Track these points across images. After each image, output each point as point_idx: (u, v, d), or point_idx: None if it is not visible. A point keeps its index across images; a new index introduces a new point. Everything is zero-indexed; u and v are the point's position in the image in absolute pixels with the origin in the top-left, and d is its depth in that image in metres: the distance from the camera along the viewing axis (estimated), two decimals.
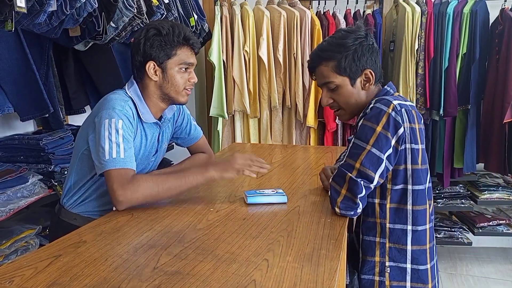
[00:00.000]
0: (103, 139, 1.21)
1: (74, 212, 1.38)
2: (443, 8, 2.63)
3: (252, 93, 2.80)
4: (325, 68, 1.23)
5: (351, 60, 1.20)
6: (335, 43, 1.22)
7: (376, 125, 1.14)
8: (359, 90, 1.25)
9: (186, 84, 1.35)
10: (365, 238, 1.23)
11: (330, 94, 1.27)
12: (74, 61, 2.04)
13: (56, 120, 1.89)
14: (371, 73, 1.23)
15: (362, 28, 1.24)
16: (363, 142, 1.15)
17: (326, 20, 2.72)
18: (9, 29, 1.34)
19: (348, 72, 1.22)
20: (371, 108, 1.18)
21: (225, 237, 1.02)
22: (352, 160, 1.15)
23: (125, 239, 1.01)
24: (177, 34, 1.29)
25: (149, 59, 1.30)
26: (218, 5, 2.77)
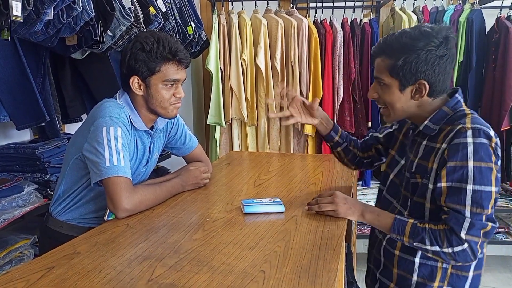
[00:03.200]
0: (102, 147, 1.21)
1: (60, 219, 1.37)
2: (439, 16, 2.65)
3: (250, 101, 2.80)
4: (381, 63, 1.14)
5: (409, 65, 1.09)
6: (402, 42, 1.10)
7: (491, 163, 1.05)
8: (407, 98, 1.14)
9: (172, 99, 1.32)
10: (424, 262, 1.18)
11: (378, 88, 1.18)
12: (71, 69, 2.03)
13: (52, 129, 1.88)
14: (425, 86, 1.11)
15: (442, 34, 1.09)
16: (486, 186, 1.04)
17: (323, 29, 2.73)
18: (5, 38, 1.34)
19: (400, 77, 1.11)
20: (466, 144, 1.05)
21: (221, 247, 1.01)
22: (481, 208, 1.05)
23: (119, 250, 1.00)
24: (161, 50, 1.26)
25: (133, 74, 1.28)
26: (215, 13, 2.78)
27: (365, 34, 2.70)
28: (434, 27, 1.10)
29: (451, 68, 1.13)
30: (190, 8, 2.53)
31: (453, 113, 1.14)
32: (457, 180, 1.06)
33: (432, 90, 1.12)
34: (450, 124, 1.12)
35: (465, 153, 1.05)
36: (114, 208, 1.20)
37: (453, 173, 1.06)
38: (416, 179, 1.17)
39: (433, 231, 1.08)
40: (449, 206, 1.07)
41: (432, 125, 1.15)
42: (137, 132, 1.35)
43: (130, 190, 1.22)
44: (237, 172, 1.78)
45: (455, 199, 1.06)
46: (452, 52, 1.11)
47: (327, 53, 2.71)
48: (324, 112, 1.48)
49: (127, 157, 1.25)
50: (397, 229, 1.13)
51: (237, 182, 1.62)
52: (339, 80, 2.72)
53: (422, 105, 1.15)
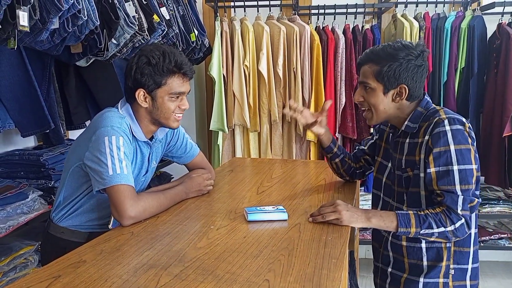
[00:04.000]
0: (105, 156, 1.22)
1: (61, 225, 1.38)
2: (441, 23, 2.66)
3: (252, 107, 2.81)
4: (368, 69, 1.31)
5: (392, 71, 1.26)
6: (387, 52, 1.27)
7: (468, 144, 1.22)
8: (389, 100, 1.31)
9: (176, 110, 1.34)
10: (430, 246, 1.30)
11: (363, 93, 1.34)
12: (75, 76, 2.05)
13: (56, 136, 1.90)
14: (405, 90, 1.28)
15: (419, 48, 1.28)
16: (468, 165, 1.21)
17: (325, 35, 2.74)
18: (11, 47, 1.36)
19: (385, 81, 1.28)
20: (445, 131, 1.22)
21: (226, 256, 1.01)
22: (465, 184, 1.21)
23: (125, 259, 1.00)
24: (168, 63, 1.27)
25: (139, 87, 1.29)
26: (218, 20, 2.80)
27: (367, 40, 2.72)
28: (412, 43, 1.31)
29: (425, 77, 1.33)
30: (193, 15, 2.55)
31: (426, 111, 1.31)
32: (444, 164, 1.22)
33: (410, 94, 1.30)
34: (426, 120, 1.29)
35: (446, 139, 1.22)
36: (119, 216, 1.21)
37: (439, 158, 1.22)
38: (407, 173, 1.32)
39: (435, 215, 1.21)
40: (442, 188, 1.22)
41: (411, 124, 1.32)
42: (137, 142, 1.37)
43: (134, 198, 1.23)
44: (240, 179, 1.79)
45: (445, 181, 1.21)
46: (427, 64, 1.32)
47: (329, 59, 2.73)
48: (326, 127, 1.62)
49: (130, 165, 1.27)
50: (403, 223, 1.22)
51: (240, 189, 1.63)
52: (341, 86, 2.73)
53: (401, 107, 1.32)
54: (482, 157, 2.74)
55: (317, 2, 2.90)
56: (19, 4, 1.24)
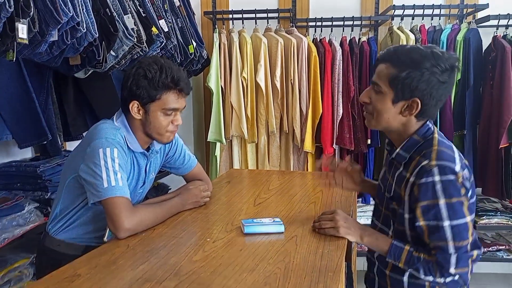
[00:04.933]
0: (100, 168, 1.21)
1: (58, 238, 1.37)
2: (437, 35, 2.69)
3: (250, 118, 2.82)
4: (384, 70, 1.14)
5: (410, 80, 1.09)
6: (412, 56, 1.10)
7: (461, 197, 1.08)
8: (397, 112, 1.15)
9: (169, 126, 1.34)
10: (412, 281, 1.19)
11: (371, 94, 1.19)
12: (74, 87, 2.06)
13: (54, 147, 1.90)
14: (418, 105, 1.12)
15: (450, 62, 1.10)
16: (461, 219, 1.09)
17: (323, 47, 2.77)
18: (10, 59, 1.36)
19: (397, 89, 1.12)
20: (434, 183, 1.07)
21: (222, 270, 1.01)
22: None
23: (120, 273, 1.00)
24: (164, 78, 1.27)
25: (133, 99, 1.29)
26: (216, 32, 2.83)
27: (363, 52, 2.74)
28: (445, 53, 1.11)
29: (445, 97, 1.15)
30: (191, 27, 2.57)
31: (423, 141, 1.16)
32: (433, 218, 1.09)
33: (421, 111, 1.14)
34: (419, 153, 1.14)
35: (434, 192, 1.08)
36: (114, 228, 1.21)
37: (427, 212, 1.09)
38: (394, 205, 1.21)
39: (427, 262, 1.12)
40: (434, 243, 1.11)
41: (403, 153, 1.18)
42: (133, 153, 1.37)
43: (130, 210, 1.23)
44: (237, 191, 1.79)
45: (437, 237, 1.10)
46: (452, 82, 1.13)
47: (326, 71, 2.75)
48: (364, 178, 1.49)
49: (125, 177, 1.26)
50: (393, 255, 1.17)
51: (237, 201, 1.63)
52: (338, 97, 2.74)
53: (406, 124, 1.17)
54: (479, 168, 2.75)
55: (315, 15, 2.93)
56: (19, 17, 1.25)
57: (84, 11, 1.50)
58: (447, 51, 1.15)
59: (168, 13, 2.31)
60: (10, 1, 1.19)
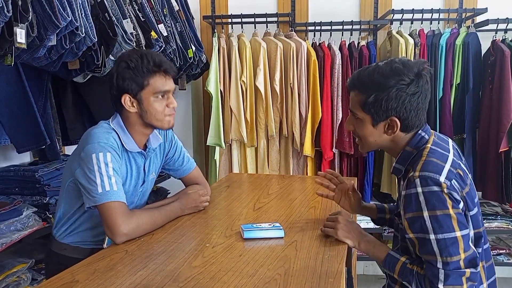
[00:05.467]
0: (94, 173, 1.21)
1: (64, 242, 1.37)
2: (436, 39, 2.69)
3: (249, 122, 2.82)
4: (354, 97, 1.16)
5: (379, 103, 1.10)
6: (374, 79, 1.10)
7: (447, 209, 1.03)
8: (380, 132, 1.15)
9: (166, 110, 1.34)
10: None
11: (353, 121, 1.20)
12: (72, 92, 2.06)
13: (52, 151, 1.89)
14: (397, 122, 1.12)
15: (413, 71, 1.09)
16: (448, 233, 1.04)
17: (322, 51, 2.77)
18: (8, 63, 1.36)
19: (372, 113, 1.12)
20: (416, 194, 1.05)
21: (221, 275, 1.00)
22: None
23: (118, 279, 0.99)
24: (146, 63, 1.28)
25: (124, 92, 1.30)
26: (216, 36, 2.83)
27: (363, 56, 2.74)
28: (406, 64, 1.10)
29: (424, 103, 1.13)
30: (190, 32, 2.57)
31: (416, 151, 1.14)
32: (419, 230, 1.06)
33: (404, 126, 1.13)
34: (412, 164, 1.12)
35: (418, 204, 1.05)
36: (111, 233, 1.20)
37: (413, 224, 1.07)
38: (397, 221, 1.22)
39: (419, 276, 1.09)
40: (423, 257, 1.09)
41: (399, 166, 1.18)
42: (130, 154, 1.36)
43: (126, 215, 1.22)
44: (237, 195, 1.78)
45: (425, 250, 1.07)
46: (425, 89, 1.11)
47: (325, 75, 2.75)
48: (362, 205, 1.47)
49: (120, 181, 1.26)
50: (388, 265, 1.17)
51: (236, 205, 1.62)
52: (338, 101, 2.74)
53: (396, 140, 1.16)
54: (479, 172, 2.75)
55: (314, 19, 2.94)
56: (17, 22, 1.25)
57: (83, 16, 1.50)
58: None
59: (167, 18, 2.31)
60: (9, 5, 1.18)
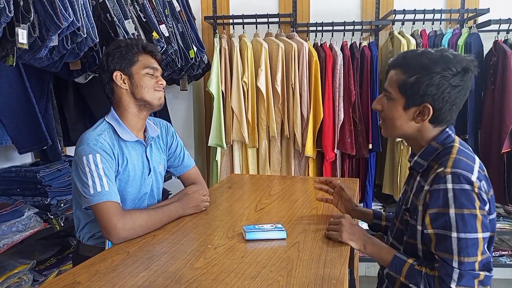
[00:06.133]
0: (86, 175, 1.24)
1: (89, 244, 1.38)
2: (438, 40, 2.69)
3: (251, 123, 2.81)
4: (394, 76, 1.12)
5: (419, 86, 1.06)
6: (421, 61, 1.07)
7: (474, 209, 1.02)
8: (409, 118, 1.12)
9: (155, 85, 1.39)
10: None
11: (383, 101, 1.16)
12: (74, 93, 2.06)
13: (54, 152, 1.89)
14: (429, 110, 1.08)
15: (462, 64, 1.05)
16: (470, 233, 1.01)
17: (323, 52, 2.76)
18: (10, 64, 1.36)
19: (407, 95, 1.09)
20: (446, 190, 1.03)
21: (223, 277, 0.99)
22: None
23: (120, 280, 0.98)
24: (135, 44, 1.38)
25: (114, 70, 1.36)
26: (217, 37, 2.83)
27: (364, 57, 2.74)
28: (457, 56, 1.08)
29: (462, 100, 1.10)
30: (192, 32, 2.57)
31: (442, 148, 1.12)
32: (441, 227, 1.04)
33: (435, 117, 1.10)
34: (437, 161, 1.10)
35: (445, 200, 1.03)
36: (107, 233, 1.21)
37: (436, 220, 1.05)
38: (406, 216, 1.17)
39: (428, 277, 1.07)
40: (438, 254, 1.06)
41: (421, 160, 1.15)
42: (126, 144, 1.37)
43: (121, 214, 1.23)
44: (239, 196, 1.78)
45: (442, 247, 1.04)
46: (467, 85, 1.09)
47: (327, 76, 2.74)
48: (355, 207, 1.48)
49: (112, 181, 1.27)
50: (394, 267, 1.14)
51: (238, 206, 1.61)
52: (340, 102, 2.74)
53: (422, 130, 1.14)
54: None
55: (315, 20, 2.93)
56: (19, 22, 1.25)
57: (85, 16, 1.50)
58: (464, 53, 1.14)
59: (168, 18, 2.30)
60: (10, 6, 1.18)
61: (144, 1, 2.04)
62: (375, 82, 2.73)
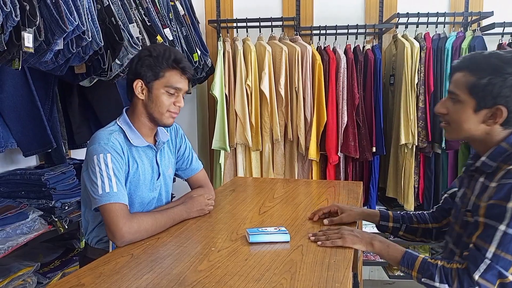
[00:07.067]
0: (95, 175, 1.24)
1: (98, 247, 1.38)
2: (442, 43, 2.68)
3: (254, 126, 2.82)
4: (462, 78, 1.08)
5: (492, 87, 1.03)
6: (491, 62, 1.04)
7: None
8: (479, 121, 1.08)
9: (171, 107, 1.36)
10: None
11: (448, 104, 1.13)
12: (79, 96, 2.07)
13: (58, 155, 1.90)
14: (502, 112, 1.05)
15: None
16: None
17: (327, 55, 2.77)
18: (16, 67, 1.37)
19: (479, 97, 1.05)
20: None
21: (227, 279, 0.99)
22: None
23: (124, 282, 0.99)
24: (167, 57, 1.32)
25: (137, 78, 1.33)
26: (221, 41, 2.84)
27: (368, 60, 2.74)
28: None
29: None
30: (196, 36, 2.58)
31: None
32: (493, 217, 1.01)
33: (508, 119, 1.06)
34: (506, 161, 1.06)
35: (508, 194, 0.99)
36: (112, 235, 1.21)
37: (491, 210, 1.02)
38: (467, 217, 1.12)
39: (445, 269, 1.05)
40: (477, 242, 1.02)
41: (489, 161, 1.09)
42: (137, 150, 1.37)
43: (127, 217, 1.22)
44: (242, 199, 1.78)
45: (484, 236, 1.01)
46: None
47: (330, 79, 2.74)
48: (361, 208, 1.47)
49: (121, 181, 1.27)
50: (406, 262, 1.11)
51: (242, 209, 1.62)
52: (343, 105, 2.74)
53: (491, 133, 1.09)
54: None
55: (319, 23, 2.94)
56: (25, 26, 1.26)
57: (90, 20, 1.51)
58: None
59: (173, 22, 2.32)
60: (17, 10, 1.19)
61: (149, 5, 2.06)
62: (379, 85, 2.73)
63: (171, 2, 2.37)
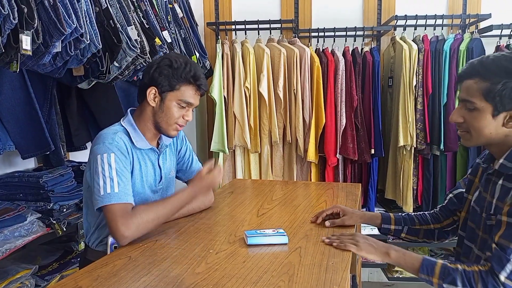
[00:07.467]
0: (98, 175, 1.24)
1: (98, 250, 1.37)
2: (440, 45, 2.69)
3: (253, 128, 2.82)
4: (474, 85, 1.07)
5: (508, 90, 1.02)
6: (502, 65, 1.04)
7: None
8: (499, 124, 1.07)
9: (180, 120, 1.37)
10: None
11: (464, 112, 1.11)
12: (77, 98, 2.06)
13: (57, 157, 1.90)
14: None
15: None
16: None
17: (325, 57, 2.77)
18: (14, 70, 1.37)
19: (496, 102, 1.04)
20: None
21: (224, 282, 0.99)
22: None
23: (121, 285, 0.98)
24: (187, 71, 1.32)
25: (152, 85, 1.33)
26: (219, 43, 2.84)
27: (366, 62, 2.74)
28: None
29: None
30: (194, 38, 2.59)
31: None
32: None
33: None
34: None
35: None
36: (113, 236, 1.22)
37: None
38: (491, 221, 1.10)
39: (466, 272, 1.04)
40: (500, 242, 1.01)
41: (508, 163, 1.08)
42: (141, 151, 1.37)
43: (126, 216, 1.21)
44: (241, 201, 1.78)
45: (507, 235, 1.00)
46: None
47: (329, 81, 2.75)
48: (361, 212, 1.46)
49: (125, 181, 1.26)
50: (426, 269, 1.09)
51: (240, 211, 1.61)
52: (341, 107, 2.74)
53: (510, 134, 1.08)
54: None
55: (317, 25, 2.95)
56: (23, 29, 1.26)
57: (88, 23, 1.51)
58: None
59: (171, 24, 2.32)
60: (14, 12, 1.20)
61: (147, 8, 2.06)
62: (377, 87, 2.73)
63: (170, 4, 2.37)
